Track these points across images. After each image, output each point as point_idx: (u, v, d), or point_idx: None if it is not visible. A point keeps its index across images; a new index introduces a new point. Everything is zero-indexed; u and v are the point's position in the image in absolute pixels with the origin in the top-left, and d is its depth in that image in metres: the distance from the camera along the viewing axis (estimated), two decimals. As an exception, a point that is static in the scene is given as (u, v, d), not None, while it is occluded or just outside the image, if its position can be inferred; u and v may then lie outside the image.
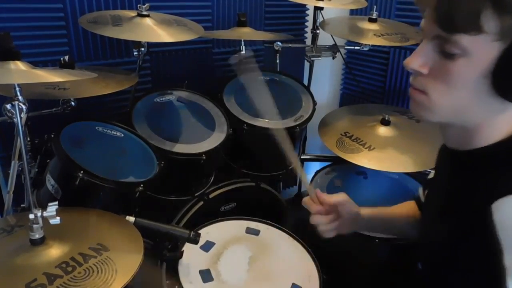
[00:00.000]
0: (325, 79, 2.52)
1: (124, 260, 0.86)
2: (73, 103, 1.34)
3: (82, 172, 1.08)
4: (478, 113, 0.66)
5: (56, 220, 0.84)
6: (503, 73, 0.59)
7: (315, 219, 0.97)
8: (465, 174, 0.72)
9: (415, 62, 0.66)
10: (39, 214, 0.84)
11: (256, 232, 1.26)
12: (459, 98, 0.65)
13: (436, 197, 0.85)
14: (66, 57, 1.22)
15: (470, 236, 0.66)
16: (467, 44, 0.60)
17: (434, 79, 0.65)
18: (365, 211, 1.02)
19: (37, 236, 0.85)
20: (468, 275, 0.68)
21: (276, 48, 1.78)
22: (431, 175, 0.96)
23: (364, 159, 1.52)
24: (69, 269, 0.82)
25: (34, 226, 0.84)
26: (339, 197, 0.98)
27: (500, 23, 0.57)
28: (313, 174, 1.76)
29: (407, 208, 1.07)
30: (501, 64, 0.59)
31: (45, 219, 0.85)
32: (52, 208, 0.84)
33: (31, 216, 0.84)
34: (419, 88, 0.68)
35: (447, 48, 0.62)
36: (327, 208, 0.98)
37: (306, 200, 0.99)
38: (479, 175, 0.68)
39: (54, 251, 0.86)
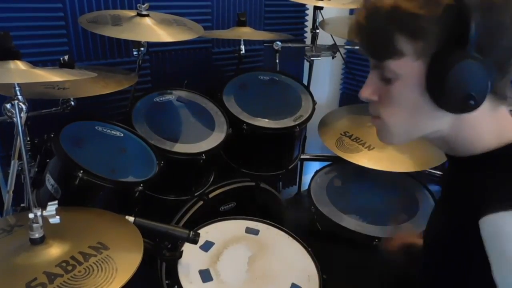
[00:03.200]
0: (324, 79, 2.53)
1: (124, 259, 0.86)
2: (72, 102, 1.34)
3: (81, 171, 1.08)
4: (434, 127, 0.70)
5: (56, 220, 0.84)
6: (433, 88, 0.64)
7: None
8: (460, 178, 0.74)
9: (365, 92, 0.73)
10: (39, 213, 0.84)
11: (255, 232, 1.26)
12: (408, 117, 0.70)
13: (442, 194, 0.86)
14: (66, 57, 1.22)
15: (461, 244, 0.67)
16: (395, 68, 0.66)
17: (383, 104, 0.72)
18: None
19: (37, 236, 0.85)
20: (460, 280, 0.68)
21: (276, 48, 1.78)
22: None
23: (364, 159, 1.53)
24: (69, 268, 0.82)
25: (34, 225, 0.84)
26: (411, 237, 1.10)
27: (413, 45, 0.63)
28: (313, 174, 1.76)
29: None
30: (429, 81, 0.64)
31: (45, 219, 0.85)
32: (52, 207, 0.85)
33: (31, 215, 0.84)
34: (375, 115, 0.74)
35: (384, 74, 0.69)
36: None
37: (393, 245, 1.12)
38: (470, 183, 0.69)
39: (54, 250, 0.86)
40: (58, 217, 0.84)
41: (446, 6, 0.60)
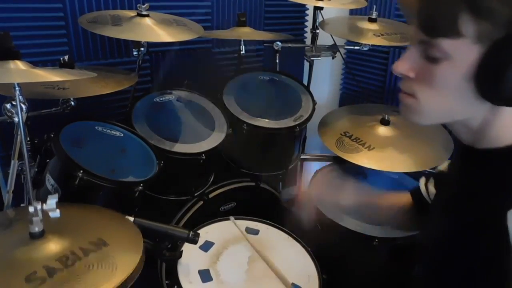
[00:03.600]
0: (324, 79, 2.52)
1: (124, 256, 0.86)
2: (72, 103, 1.34)
3: (81, 171, 1.08)
4: (470, 114, 0.67)
5: (56, 213, 0.84)
6: (484, 77, 0.61)
7: None
8: (480, 172, 0.72)
9: (402, 67, 0.69)
10: (39, 207, 0.84)
11: (255, 232, 1.26)
12: (446, 101, 0.66)
13: (447, 191, 0.85)
14: (66, 57, 1.22)
15: (476, 236, 0.66)
16: (448, 48, 0.62)
17: (421, 83, 0.67)
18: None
19: (36, 230, 0.85)
20: (467, 274, 0.68)
21: (276, 48, 1.78)
22: (440, 167, 0.96)
23: (364, 159, 1.52)
24: (69, 262, 0.81)
25: (34, 219, 0.84)
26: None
27: (477, 27, 0.59)
28: (313, 174, 1.75)
29: (397, 198, 1.10)
30: (482, 67, 0.60)
31: (44, 213, 0.84)
32: (52, 201, 0.84)
33: (31, 209, 0.83)
34: (408, 92, 0.70)
35: (430, 52, 0.64)
36: None
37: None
38: (494, 177, 0.68)
39: (54, 245, 0.85)
40: (58, 210, 0.84)
41: None
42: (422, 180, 1.04)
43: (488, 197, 0.67)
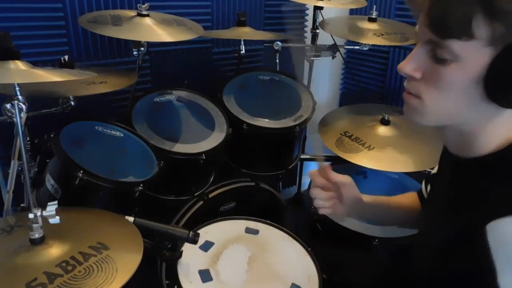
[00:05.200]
0: (325, 78, 2.52)
1: (124, 259, 0.86)
2: (72, 102, 1.33)
3: (81, 171, 1.08)
4: (471, 117, 0.66)
5: (56, 220, 0.84)
6: (495, 79, 0.60)
7: (315, 192, 0.96)
8: (465, 182, 0.72)
9: (408, 67, 0.67)
10: (38, 213, 0.84)
11: (255, 232, 1.26)
12: (452, 103, 0.65)
13: (438, 195, 0.85)
14: (66, 57, 1.22)
15: (464, 248, 0.66)
16: (459, 50, 0.60)
17: (427, 84, 0.66)
18: (367, 198, 1.02)
19: (36, 236, 0.85)
20: (461, 281, 0.68)
21: (276, 48, 1.78)
22: (434, 170, 0.96)
23: (364, 159, 1.53)
24: (70, 268, 0.82)
25: (34, 225, 0.84)
26: (344, 178, 0.97)
27: (491, 29, 0.58)
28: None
29: (409, 199, 1.07)
30: (493, 70, 0.59)
31: (44, 219, 0.85)
32: (52, 207, 0.84)
33: (31, 215, 0.84)
34: (413, 92, 0.68)
35: (439, 53, 0.62)
36: (330, 186, 0.97)
37: (312, 172, 0.98)
38: (476, 188, 0.68)
39: (54, 250, 0.86)
40: (58, 217, 0.84)
41: None
42: (423, 183, 1.05)
43: (471, 209, 0.66)
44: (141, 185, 1.19)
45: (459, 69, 0.61)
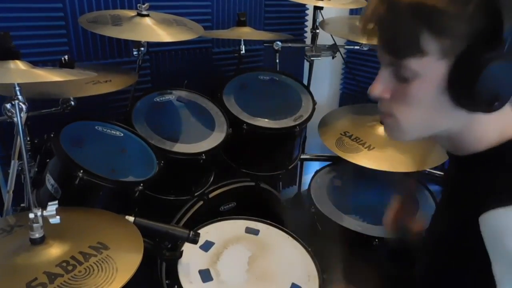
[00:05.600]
0: (325, 78, 2.52)
1: (125, 259, 0.86)
2: (72, 102, 1.34)
3: (81, 171, 1.08)
4: (450, 124, 0.68)
5: (56, 220, 0.84)
6: (456, 88, 0.62)
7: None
8: (462, 177, 0.74)
9: (377, 90, 0.70)
10: (39, 213, 0.84)
11: (255, 232, 1.26)
12: (425, 116, 0.67)
13: (444, 194, 0.86)
14: (66, 57, 1.22)
15: (462, 241, 0.67)
16: (416, 67, 0.63)
17: (397, 102, 0.69)
18: None
19: (37, 236, 0.85)
20: (462, 278, 0.69)
21: (276, 48, 1.78)
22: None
23: (364, 159, 1.53)
24: (70, 268, 0.82)
25: (34, 225, 0.84)
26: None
27: (439, 44, 0.60)
28: (313, 174, 1.76)
29: None
30: (452, 80, 0.61)
31: (45, 219, 0.85)
32: (52, 207, 0.85)
33: (31, 215, 0.84)
34: (386, 112, 0.71)
35: (400, 72, 0.65)
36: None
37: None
38: (471, 182, 0.69)
39: (54, 250, 0.86)
40: (58, 217, 0.84)
41: (477, 3, 0.57)
42: None
43: (466, 203, 0.68)
44: (141, 185, 1.19)
45: (421, 84, 0.64)
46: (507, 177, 0.63)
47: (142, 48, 1.52)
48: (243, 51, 1.78)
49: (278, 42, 1.78)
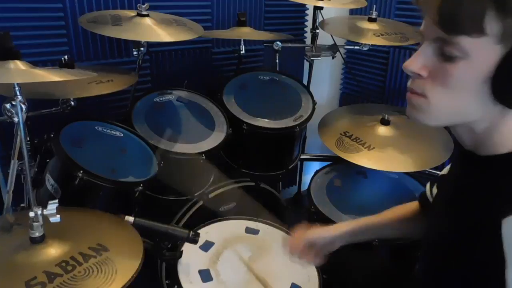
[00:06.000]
0: (324, 79, 2.52)
1: (124, 261, 0.86)
2: (72, 103, 1.34)
3: (81, 171, 1.09)
4: (479, 117, 0.65)
5: (56, 218, 0.84)
6: (503, 78, 0.59)
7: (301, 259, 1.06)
8: (479, 178, 0.71)
9: (415, 65, 0.65)
10: (39, 212, 0.84)
11: (255, 232, 1.26)
12: (458, 102, 0.64)
13: (446, 193, 0.84)
14: (66, 57, 1.22)
15: (474, 242, 0.65)
16: (468, 47, 0.59)
17: (433, 82, 0.64)
18: (342, 228, 1.06)
19: (37, 234, 0.85)
20: (464, 279, 0.68)
21: (276, 48, 1.78)
22: (444, 171, 0.95)
23: (364, 159, 1.52)
24: (69, 268, 0.82)
25: (34, 224, 0.84)
26: (304, 237, 1.05)
27: (502, 25, 0.57)
28: (313, 174, 1.76)
29: (402, 210, 1.07)
30: (501, 68, 0.58)
31: (45, 218, 0.85)
32: (52, 206, 0.85)
33: (32, 214, 0.84)
34: (418, 91, 0.67)
35: (447, 50, 0.61)
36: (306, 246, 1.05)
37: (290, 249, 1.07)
38: (493, 183, 0.67)
39: (54, 250, 0.86)
40: (58, 216, 0.84)
41: None
42: (428, 185, 1.04)
43: (485, 203, 0.66)
44: (141, 185, 1.19)
45: (467, 67, 0.60)
46: None
47: (142, 48, 1.52)
48: (243, 51, 1.78)
49: (278, 42, 1.78)
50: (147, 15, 1.40)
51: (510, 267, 0.58)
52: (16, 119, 1.00)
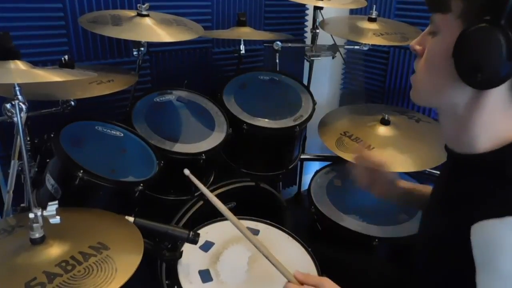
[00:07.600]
0: (325, 78, 2.53)
1: (124, 259, 0.86)
2: (73, 103, 1.34)
3: (81, 171, 1.08)
4: (453, 98, 0.68)
5: (56, 220, 0.84)
6: (460, 54, 0.62)
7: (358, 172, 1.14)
8: (458, 178, 0.73)
9: (414, 42, 0.74)
10: (39, 213, 0.84)
11: (255, 232, 1.26)
12: (435, 78, 0.70)
13: (435, 193, 0.86)
14: (66, 57, 1.22)
15: (448, 246, 0.67)
16: (440, 23, 0.67)
17: (421, 57, 0.72)
18: (404, 184, 1.11)
19: (37, 235, 0.85)
20: (443, 281, 0.69)
21: (276, 48, 1.78)
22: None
23: (364, 159, 1.52)
24: (69, 267, 0.82)
25: (34, 225, 0.84)
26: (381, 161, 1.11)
27: (460, 2, 0.62)
28: (313, 174, 1.76)
29: None
30: (458, 44, 0.62)
31: (45, 219, 0.85)
32: (52, 207, 0.85)
33: (31, 215, 0.84)
34: (415, 69, 0.74)
35: (431, 27, 0.69)
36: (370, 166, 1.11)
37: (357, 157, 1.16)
38: (467, 185, 0.68)
39: (54, 250, 0.86)
40: (58, 217, 0.84)
41: None
42: None
43: (458, 208, 0.68)
44: (141, 185, 1.19)
45: (439, 41, 0.67)
46: (505, 187, 0.61)
47: (142, 48, 1.52)
48: (243, 51, 1.78)
49: (278, 42, 1.78)
50: (147, 15, 1.40)
51: (480, 273, 0.59)
52: (16, 119, 1.00)
